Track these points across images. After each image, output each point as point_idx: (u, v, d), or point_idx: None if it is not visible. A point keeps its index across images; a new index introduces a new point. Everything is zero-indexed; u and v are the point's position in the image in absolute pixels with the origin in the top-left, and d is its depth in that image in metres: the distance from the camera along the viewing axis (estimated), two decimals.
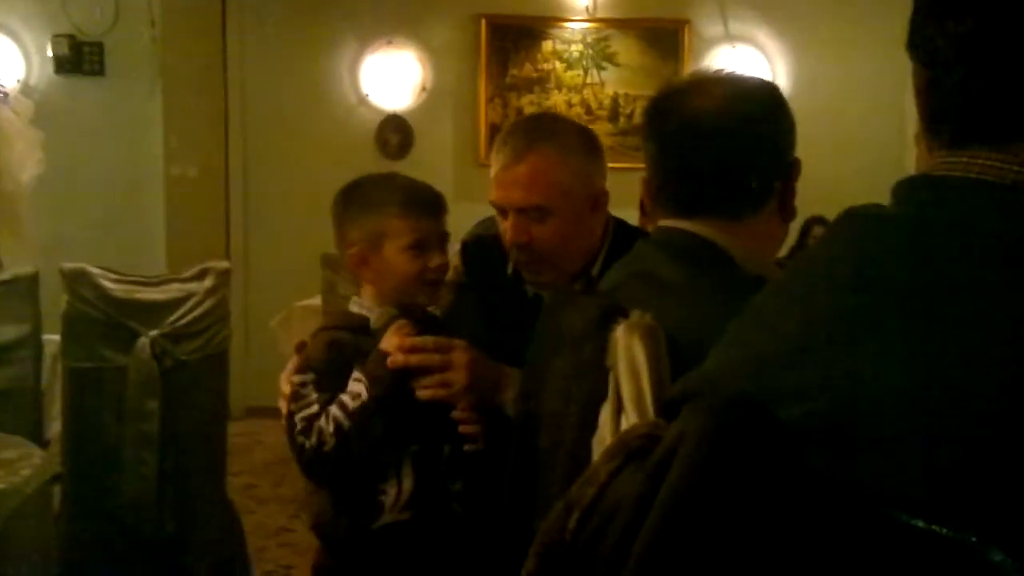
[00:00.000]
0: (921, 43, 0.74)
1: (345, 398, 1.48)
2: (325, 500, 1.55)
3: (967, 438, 0.60)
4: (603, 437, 1.07)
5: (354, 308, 1.62)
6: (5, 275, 2.21)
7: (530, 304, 1.67)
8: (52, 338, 2.35)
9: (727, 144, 1.20)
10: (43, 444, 2.23)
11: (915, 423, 0.62)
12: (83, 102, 4.18)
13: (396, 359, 1.49)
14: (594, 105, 5.03)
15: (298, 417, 1.48)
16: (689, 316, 1.08)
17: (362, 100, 5.00)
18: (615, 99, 5.03)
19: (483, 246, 1.80)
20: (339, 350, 1.53)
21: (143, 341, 2.29)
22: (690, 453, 0.67)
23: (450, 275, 1.79)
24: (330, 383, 1.49)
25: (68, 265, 2.28)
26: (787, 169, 1.25)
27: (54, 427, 2.33)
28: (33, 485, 1.42)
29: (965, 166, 0.69)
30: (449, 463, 1.53)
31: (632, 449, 0.80)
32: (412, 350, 1.50)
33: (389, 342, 1.51)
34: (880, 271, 0.69)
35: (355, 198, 1.59)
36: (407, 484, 1.49)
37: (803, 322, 0.72)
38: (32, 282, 2.20)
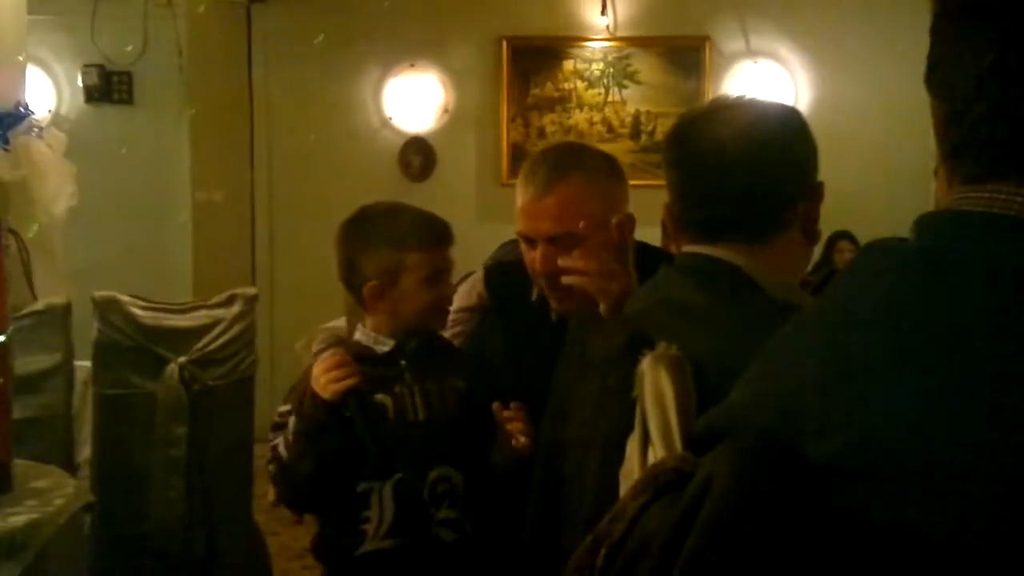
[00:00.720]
0: (940, 78, 0.74)
1: (288, 430, 1.50)
2: (315, 524, 1.59)
3: (990, 475, 0.60)
4: (631, 469, 1.07)
5: (358, 336, 1.63)
6: (38, 305, 2.25)
7: (554, 329, 1.68)
8: (83, 364, 2.39)
9: (749, 169, 1.20)
10: (73, 469, 2.26)
11: (937, 460, 0.62)
12: (112, 130, 4.25)
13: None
14: (616, 123, 5.04)
15: (273, 445, 1.52)
16: (716, 344, 1.08)
17: (385, 123, 5.05)
18: (637, 117, 5.04)
19: (506, 272, 1.80)
20: (304, 383, 1.52)
21: (172, 367, 2.33)
22: (720, 495, 0.68)
23: (474, 301, 1.80)
24: None
25: (99, 294, 2.32)
26: (810, 192, 1.25)
27: (84, 452, 2.36)
28: (66, 515, 1.44)
29: (987, 201, 0.69)
30: (434, 490, 1.51)
31: (660, 484, 0.80)
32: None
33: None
34: (901, 307, 0.69)
35: (367, 233, 1.60)
36: (388, 512, 1.49)
37: (825, 358, 0.72)
38: (65, 312, 2.24)
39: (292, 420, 1.50)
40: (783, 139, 1.24)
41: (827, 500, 0.66)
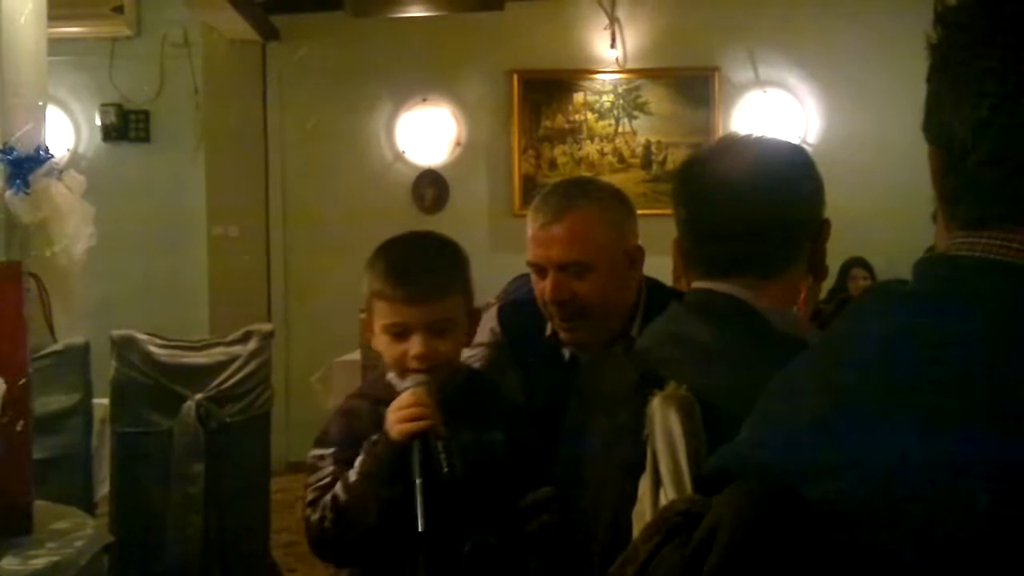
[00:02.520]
0: (937, 127, 0.76)
1: (350, 473, 1.36)
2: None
3: (990, 516, 0.61)
4: (642, 510, 1.08)
5: (389, 376, 1.49)
6: (58, 346, 2.28)
7: (567, 367, 1.69)
8: (101, 402, 2.41)
9: (757, 207, 1.22)
10: (92, 507, 2.28)
11: (938, 501, 0.63)
12: (129, 168, 4.32)
13: (397, 428, 1.33)
14: (627, 153, 5.07)
15: (310, 489, 1.39)
16: (726, 381, 1.09)
17: (398, 156, 5.10)
18: (647, 147, 5.07)
19: (519, 308, 1.82)
20: (354, 420, 1.43)
21: (188, 405, 2.35)
22: (725, 543, 0.69)
23: (487, 337, 1.82)
24: (346, 456, 1.39)
25: (117, 332, 2.35)
26: (817, 229, 1.26)
27: (102, 489, 2.38)
28: (86, 556, 1.46)
29: (984, 246, 0.71)
30: (471, 560, 1.37)
31: (671, 526, 0.81)
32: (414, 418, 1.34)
33: (390, 408, 1.37)
34: (895, 349, 0.70)
35: (370, 260, 1.50)
36: None
37: (824, 399, 0.73)
38: (83, 352, 2.27)
39: (359, 460, 1.36)
40: (790, 177, 1.25)
41: (830, 543, 0.66)
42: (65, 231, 2.46)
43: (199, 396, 2.38)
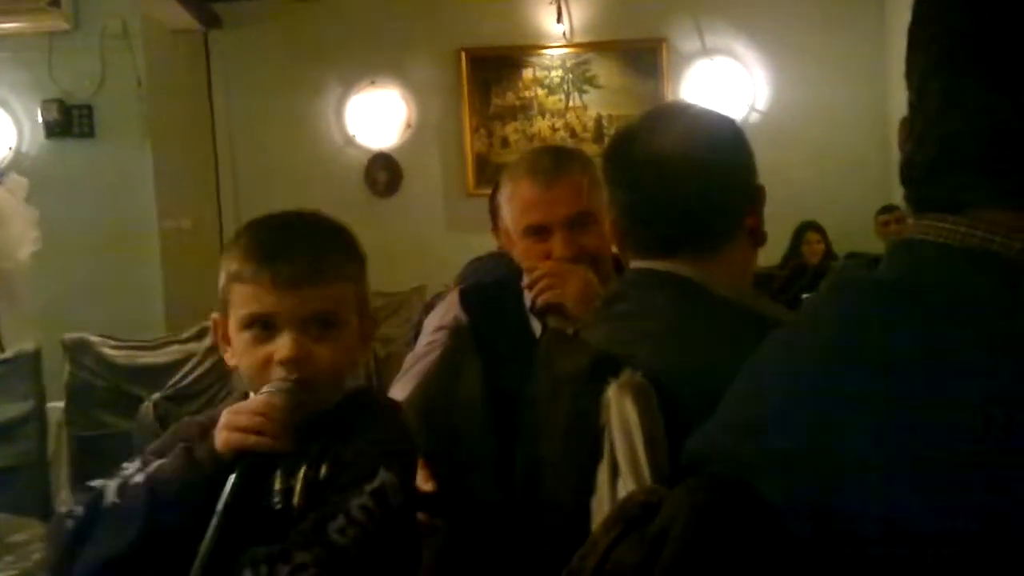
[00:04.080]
0: (914, 107, 0.74)
1: (136, 474, 1.01)
2: None
3: (944, 509, 0.60)
4: (601, 499, 1.08)
5: (269, 387, 1.07)
6: (8, 354, 2.25)
7: (532, 349, 1.70)
8: (56, 406, 2.39)
9: (694, 181, 1.20)
10: (51, 514, 2.26)
11: (888, 495, 0.63)
12: (75, 164, 4.23)
13: (224, 436, 1.00)
14: (578, 128, 5.08)
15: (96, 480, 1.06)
16: (680, 363, 1.08)
17: (349, 141, 5.06)
18: (599, 121, 5.08)
19: (483, 292, 1.83)
20: (184, 438, 1.09)
21: (146, 405, 2.34)
22: (680, 535, 0.70)
23: (449, 321, 1.82)
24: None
25: (69, 336, 2.32)
26: (754, 198, 1.26)
27: (61, 495, 2.37)
28: (44, 570, 1.45)
29: (947, 232, 0.69)
30: None
31: (630, 518, 0.82)
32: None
33: (231, 411, 1.03)
34: (855, 338, 0.69)
35: (235, 235, 1.16)
36: None
37: (787, 389, 0.74)
38: (34, 359, 2.24)
39: (156, 463, 1.02)
40: (721, 150, 1.24)
41: (783, 538, 0.67)
42: (8, 235, 2.41)
43: (157, 396, 2.37)
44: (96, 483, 1.04)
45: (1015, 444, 0.60)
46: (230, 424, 1.00)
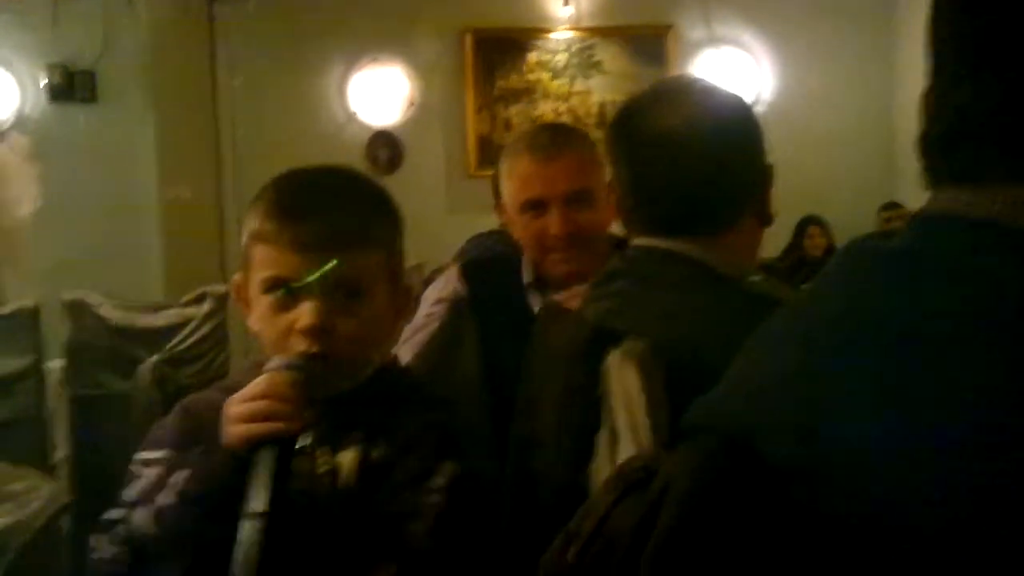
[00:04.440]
0: (932, 71, 0.74)
1: (162, 494, 0.93)
2: None
3: (948, 479, 0.60)
4: (600, 466, 1.09)
5: (271, 364, 0.99)
6: (6, 309, 2.25)
7: (531, 325, 1.71)
8: (56, 365, 2.39)
9: (700, 160, 1.18)
10: (49, 470, 2.27)
11: (891, 464, 0.62)
12: (77, 129, 4.22)
13: (233, 430, 0.90)
14: (581, 113, 5.07)
15: (117, 507, 0.97)
16: (682, 335, 1.08)
17: (351, 117, 5.05)
18: (602, 106, 5.07)
19: (484, 266, 1.84)
20: (198, 419, 1.01)
21: (144, 367, 2.35)
22: (677, 499, 0.70)
23: (449, 293, 1.83)
24: (184, 465, 0.96)
25: (69, 295, 2.33)
26: (761, 176, 1.25)
27: (59, 452, 2.37)
28: (42, 518, 1.46)
29: (964, 205, 0.68)
30: None
31: (630, 482, 0.82)
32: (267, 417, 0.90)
33: (234, 401, 0.92)
34: (865, 308, 0.69)
35: (258, 192, 1.08)
36: None
37: (794, 357, 0.73)
38: (33, 315, 2.25)
39: (182, 476, 0.92)
40: (734, 126, 1.22)
41: (785, 501, 0.66)
42: (9, 194, 2.41)
43: (155, 358, 2.37)
44: (112, 515, 0.95)
45: (1013, 420, 0.60)
46: (235, 416, 0.90)
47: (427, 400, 1.10)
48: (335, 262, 0.96)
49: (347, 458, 0.94)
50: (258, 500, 0.83)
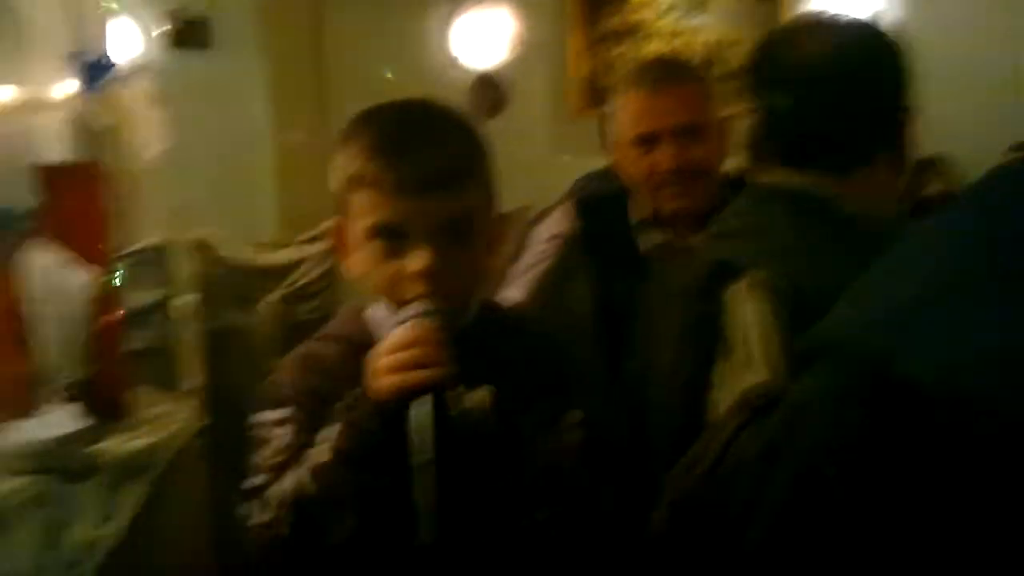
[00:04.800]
0: None
1: (315, 451, 0.91)
2: None
3: None
4: (719, 396, 1.10)
5: (370, 311, 1.03)
6: (137, 245, 2.37)
7: (644, 261, 1.71)
8: (183, 300, 2.51)
9: (837, 94, 1.18)
10: (179, 397, 2.39)
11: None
12: (194, 75, 4.35)
13: (388, 381, 0.87)
14: (690, 53, 4.94)
15: (258, 473, 0.95)
16: (802, 272, 1.09)
17: (454, 60, 5.04)
18: (711, 46, 4.92)
19: (595, 204, 1.84)
20: (319, 372, 0.99)
21: (265, 304, 2.44)
22: (816, 418, 0.70)
23: (563, 229, 1.84)
24: (312, 421, 0.95)
25: (194, 234, 2.43)
26: (896, 116, 1.22)
27: (189, 382, 2.50)
28: (181, 439, 1.54)
29: None
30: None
31: (755, 407, 0.83)
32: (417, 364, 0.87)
33: (381, 352, 0.89)
34: (1002, 228, 0.69)
35: (348, 129, 1.02)
36: None
37: (926, 277, 0.73)
38: (161, 252, 2.35)
39: (331, 432, 0.91)
40: (876, 61, 1.20)
41: (927, 422, 0.67)
42: (137, 135, 2.52)
43: (274, 295, 2.46)
44: (256, 481, 0.94)
45: None
46: (385, 368, 0.87)
47: (536, 336, 1.10)
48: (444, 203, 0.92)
49: (479, 400, 0.93)
50: (425, 449, 0.82)
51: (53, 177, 1.75)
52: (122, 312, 1.78)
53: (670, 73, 1.72)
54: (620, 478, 1.04)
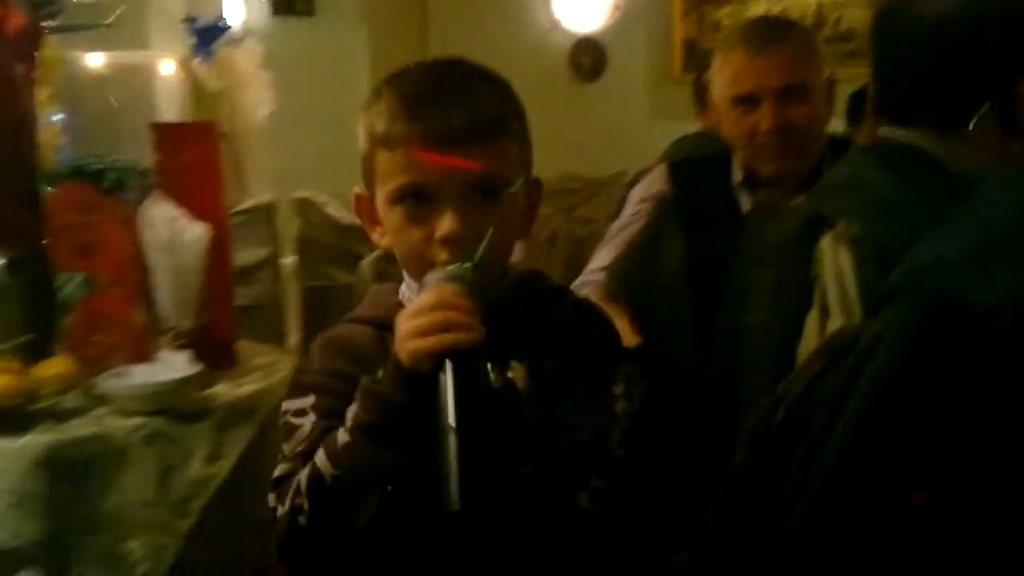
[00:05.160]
0: None
1: (338, 433, 0.86)
2: None
3: None
4: (809, 345, 1.10)
5: (402, 290, 0.97)
6: (247, 204, 2.46)
7: (738, 225, 1.69)
8: (288, 260, 2.61)
9: (948, 50, 1.15)
10: (284, 352, 2.50)
11: None
12: (296, 41, 4.46)
13: (412, 345, 0.81)
14: (796, 14, 4.79)
15: (283, 462, 0.90)
16: (897, 227, 1.07)
17: (555, 23, 5.02)
18: (820, 7, 4.76)
19: (691, 166, 1.83)
20: (347, 355, 0.93)
21: (365, 262, 2.51)
22: (889, 349, 0.71)
23: (655, 191, 1.83)
24: (335, 407, 0.89)
25: (298, 194, 2.52)
26: (1007, 73, 1.18)
27: (292, 337, 2.61)
28: (286, 387, 1.62)
29: None
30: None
31: (837, 350, 0.83)
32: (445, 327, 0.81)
33: (406, 316, 0.83)
34: None
35: (374, 92, 0.96)
36: None
37: (1000, 222, 0.73)
38: (269, 210, 2.44)
39: (351, 411, 0.86)
40: (991, 18, 1.17)
41: (992, 353, 0.67)
42: (246, 98, 2.61)
43: (375, 254, 2.53)
44: (281, 471, 0.90)
45: None
46: (413, 331, 0.81)
47: (576, 304, 1.01)
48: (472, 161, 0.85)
49: (517, 370, 0.88)
50: (454, 414, 0.77)
51: (170, 136, 1.84)
52: (231, 265, 1.87)
53: (773, 32, 1.67)
54: (702, 440, 1.02)
